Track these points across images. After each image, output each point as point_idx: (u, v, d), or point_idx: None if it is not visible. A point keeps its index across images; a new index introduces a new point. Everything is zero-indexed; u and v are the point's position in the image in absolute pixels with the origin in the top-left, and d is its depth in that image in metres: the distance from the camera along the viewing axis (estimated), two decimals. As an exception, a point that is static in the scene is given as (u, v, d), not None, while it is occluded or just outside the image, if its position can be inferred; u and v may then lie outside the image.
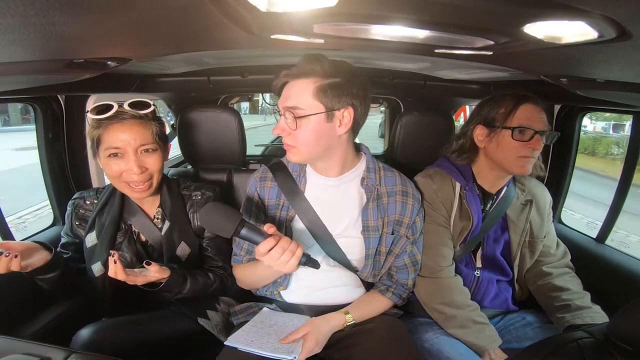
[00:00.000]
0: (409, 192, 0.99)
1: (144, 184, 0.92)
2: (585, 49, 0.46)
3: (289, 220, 0.97)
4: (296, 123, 0.85)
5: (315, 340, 0.85)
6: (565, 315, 0.96)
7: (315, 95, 0.84)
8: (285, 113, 0.86)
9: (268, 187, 1.00)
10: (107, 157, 0.90)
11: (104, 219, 0.99)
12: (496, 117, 0.99)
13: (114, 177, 0.92)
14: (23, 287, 1.01)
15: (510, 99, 0.99)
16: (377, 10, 0.42)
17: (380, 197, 0.97)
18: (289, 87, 0.87)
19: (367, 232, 0.96)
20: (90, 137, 0.91)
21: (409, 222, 0.98)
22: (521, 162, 0.97)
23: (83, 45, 0.56)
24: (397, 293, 1.00)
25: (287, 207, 0.97)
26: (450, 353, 0.93)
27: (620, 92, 0.73)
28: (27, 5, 0.32)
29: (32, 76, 0.74)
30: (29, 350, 0.57)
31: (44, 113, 1.19)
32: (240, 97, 3.06)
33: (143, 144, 0.90)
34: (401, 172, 1.03)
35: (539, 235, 1.08)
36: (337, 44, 0.70)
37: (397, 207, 0.97)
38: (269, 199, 0.99)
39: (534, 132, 0.95)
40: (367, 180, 0.97)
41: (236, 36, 0.56)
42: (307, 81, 0.85)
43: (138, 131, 0.90)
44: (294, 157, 0.90)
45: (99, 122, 0.89)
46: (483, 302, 1.05)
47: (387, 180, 0.99)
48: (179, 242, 0.99)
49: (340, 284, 0.98)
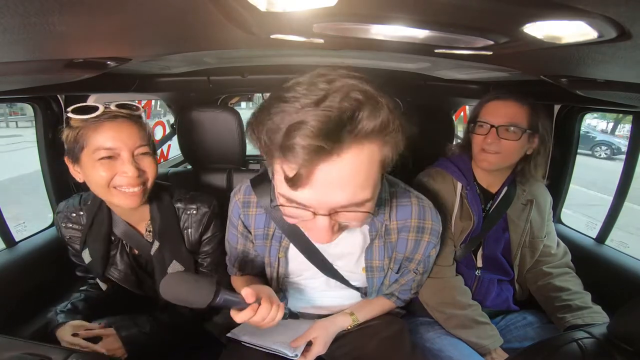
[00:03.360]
0: (426, 227, 0.81)
1: (139, 188, 0.81)
2: (585, 49, 0.46)
3: (283, 251, 0.86)
4: (365, 217, 0.59)
5: (324, 344, 0.85)
6: (565, 316, 0.96)
7: (381, 159, 0.55)
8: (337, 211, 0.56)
9: (253, 215, 0.84)
10: (97, 161, 0.77)
11: (94, 236, 0.92)
12: (473, 114, 1.05)
13: (102, 185, 0.79)
14: (23, 287, 1.02)
15: (483, 97, 1.03)
16: (377, 10, 0.41)
17: (388, 234, 0.82)
18: (339, 168, 0.50)
19: (372, 273, 0.85)
20: (69, 141, 0.79)
21: (421, 258, 0.85)
22: (481, 156, 1.01)
23: (83, 45, 0.56)
24: (401, 298, 0.98)
25: (278, 237, 0.85)
26: (451, 353, 0.93)
27: (620, 92, 0.73)
28: (27, 5, 0.32)
29: (32, 76, 0.74)
30: (29, 350, 0.57)
31: (43, 113, 1.19)
32: (240, 97, 3.06)
33: (140, 144, 0.80)
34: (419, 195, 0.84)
35: (539, 235, 1.08)
36: (337, 43, 0.70)
37: (408, 246, 0.82)
38: (255, 228, 0.85)
39: (490, 127, 0.97)
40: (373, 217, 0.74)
41: (236, 36, 0.56)
42: (370, 145, 0.52)
43: (133, 131, 0.80)
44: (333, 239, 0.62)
45: (84, 122, 0.77)
46: (484, 302, 1.05)
47: (400, 213, 0.81)
48: (170, 262, 0.92)
49: (342, 298, 0.96)
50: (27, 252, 1.09)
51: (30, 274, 1.04)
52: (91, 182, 0.81)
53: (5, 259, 1.03)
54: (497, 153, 0.98)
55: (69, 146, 0.80)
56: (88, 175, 0.80)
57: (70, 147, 0.80)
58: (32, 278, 1.03)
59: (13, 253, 1.06)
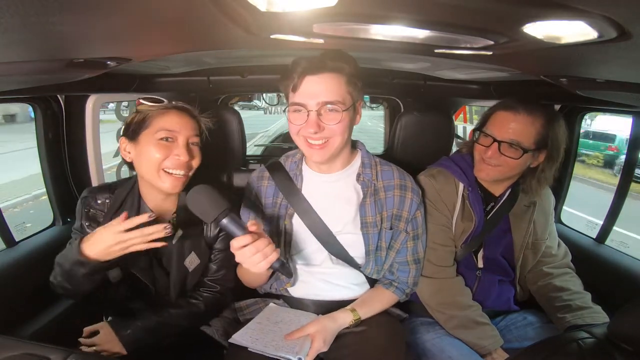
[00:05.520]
0: (407, 185, 0.98)
1: (184, 173, 0.89)
2: (585, 49, 0.46)
3: (288, 218, 0.97)
4: (341, 116, 0.85)
5: (323, 340, 0.85)
6: (566, 316, 0.96)
7: (347, 88, 0.86)
8: (321, 108, 0.85)
9: (265, 186, 1.01)
10: (157, 141, 0.87)
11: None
12: (483, 119, 1.02)
13: (154, 164, 0.87)
14: (23, 287, 1.02)
15: (497, 104, 1.00)
16: (377, 10, 0.41)
17: (377, 192, 0.96)
18: (319, 81, 0.85)
19: (366, 228, 0.95)
20: (136, 120, 0.89)
21: (408, 216, 0.97)
22: (480, 165, 1.00)
23: (83, 45, 0.56)
24: (400, 288, 0.99)
25: (285, 205, 0.97)
26: (452, 353, 0.93)
27: (620, 92, 0.73)
28: (27, 5, 0.32)
29: (32, 76, 0.74)
30: (29, 350, 0.57)
31: (43, 113, 1.19)
32: (240, 97, 3.06)
33: (194, 134, 0.91)
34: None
35: (542, 236, 1.08)
36: (336, 43, 0.70)
37: (395, 201, 0.96)
38: (265, 197, 1.00)
39: (492, 140, 0.95)
40: (363, 176, 0.96)
41: (236, 36, 0.56)
42: (339, 75, 0.86)
43: (191, 123, 0.91)
44: (324, 154, 0.89)
45: (153, 107, 0.89)
46: (485, 302, 1.05)
47: (384, 175, 0.98)
48: (189, 253, 0.95)
49: (344, 281, 0.98)
50: (27, 252, 1.09)
51: (30, 274, 1.04)
52: (143, 161, 0.89)
53: (6, 258, 1.03)
54: (497, 166, 0.97)
55: (133, 127, 0.90)
56: (142, 154, 0.88)
57: (133, 127, 0.90)
58: (32, 278, 1.03)
59: (13, 253, 1.07)
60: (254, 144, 4.27)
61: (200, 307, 0.96)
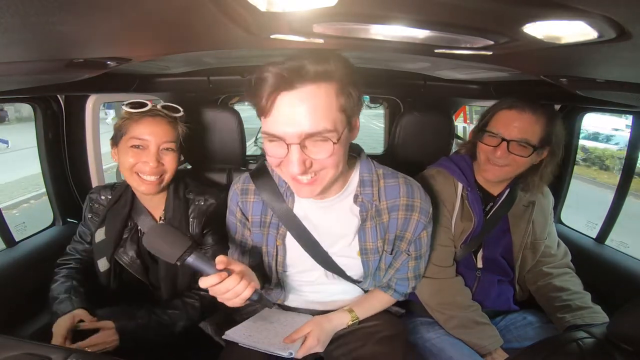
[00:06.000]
0: (415, 205, 0.83)
1: (155, 178, 0.93)
2: (585, 49, 0.46)
3: (280, 239, 0.88)
4: (333, 148, 0.65)
5: (316, 338, 0.84)
6: (565, 316, 0.96)
7: (339, 104, 0.65)
8: (304, 140, 0.64)
9: (251, 202, 0.88)
10: (129, 147, 0.92)
11: (114, 214, 1.01)
12: (483, 119, 1.01)
13: (127, 168, 0.93)
14: (23, 287, 1.02)
15: (498, 103, 0.99)
16: (377, 10, 0.41)
17: (379, 214, 0.83)
18: (299, 100, 0.62)
19: (366, 255, 0.86)
20: (117, 127, 0.95)
21: (411, 237, 0.86)
22: (486, 166, 0.99)
23: (83, 45, 0.56)
24: (398, 291, 0.99)
25: (275, 224, 0.87)
26: (452, 353, 0.94)
27: (620, 92, 0.73)
28: (27, 5, 0.32)
29: (32, 76, 0.74)
30: (29, 350, 0.57)
31: (43, 113, 1.19)
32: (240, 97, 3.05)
33: (166, 141, 0.94)
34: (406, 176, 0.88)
35: (541, 236, 1.08)
36: (337, 44, 0.70)
37: (398, 223, 0.84)
38: (252, 215, 0.89)
39: (501, 140, 0.94)
40: (362, 197, 0.82)
41: (236, 36, 0.56)
42: (327, 85, 0.64)
43: (165, 129, 0.94)
44: (314, 191, 0.72)
45: (132, 114, 0.93)
46: (484, 302, 1.05)
47: (389, 192, 0.83)
48: None
49: (340, 293, 0.96)
50: (27, 252, 1.09)
51: (30, 274, 1.04)
52: (120, 164, 0.95)
53: (6, 258, 1.03)
54: (505, 166, 0.96)
55: (115, 132, 0.96)
56: (120, 158, 0.95)
57: (115, 133, 0.96)
58: (32, 278, 1.03)
59: (13, 253, 1.07)
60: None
61: (196, 306, 0.98)
